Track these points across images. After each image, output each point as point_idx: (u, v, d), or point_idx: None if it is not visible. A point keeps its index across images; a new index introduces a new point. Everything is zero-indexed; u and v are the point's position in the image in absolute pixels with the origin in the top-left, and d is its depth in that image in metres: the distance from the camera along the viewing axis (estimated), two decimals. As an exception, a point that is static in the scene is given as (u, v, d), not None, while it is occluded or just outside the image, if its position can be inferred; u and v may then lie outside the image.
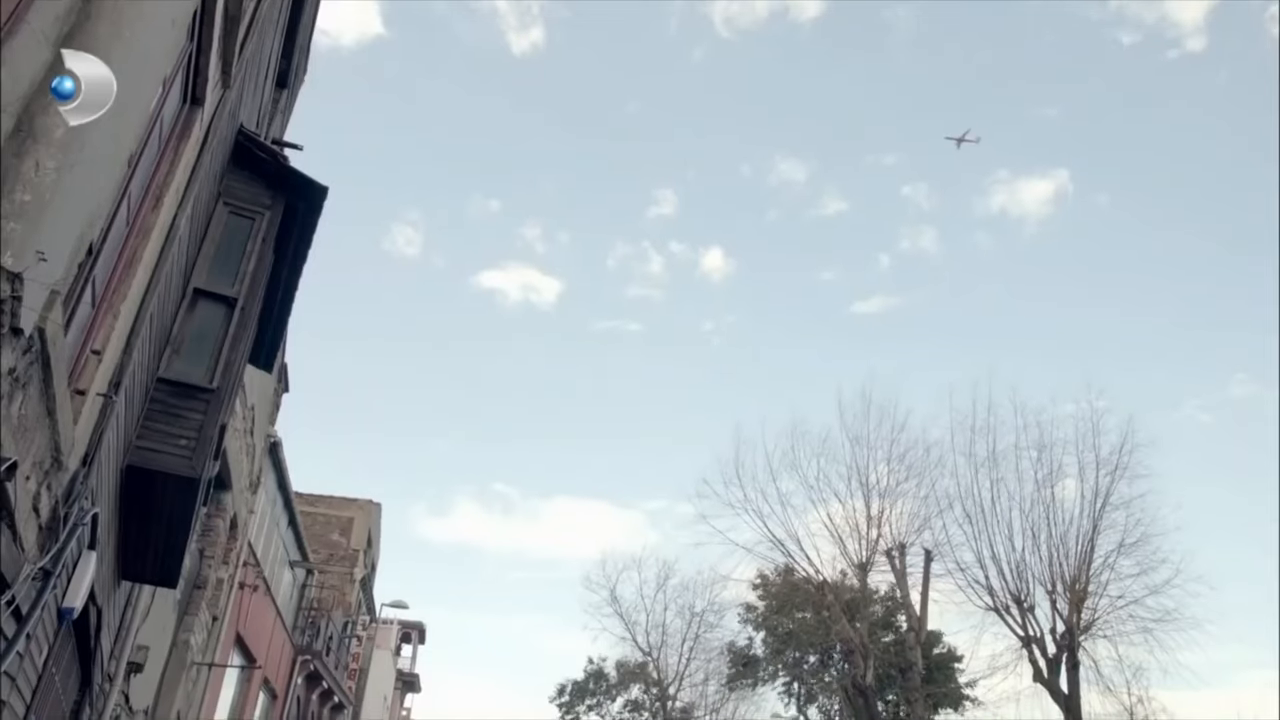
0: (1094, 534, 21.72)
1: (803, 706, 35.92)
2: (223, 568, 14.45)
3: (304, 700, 26.09)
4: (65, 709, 7.17)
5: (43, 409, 3.03)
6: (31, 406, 2.92)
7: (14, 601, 3.18)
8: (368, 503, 34.84)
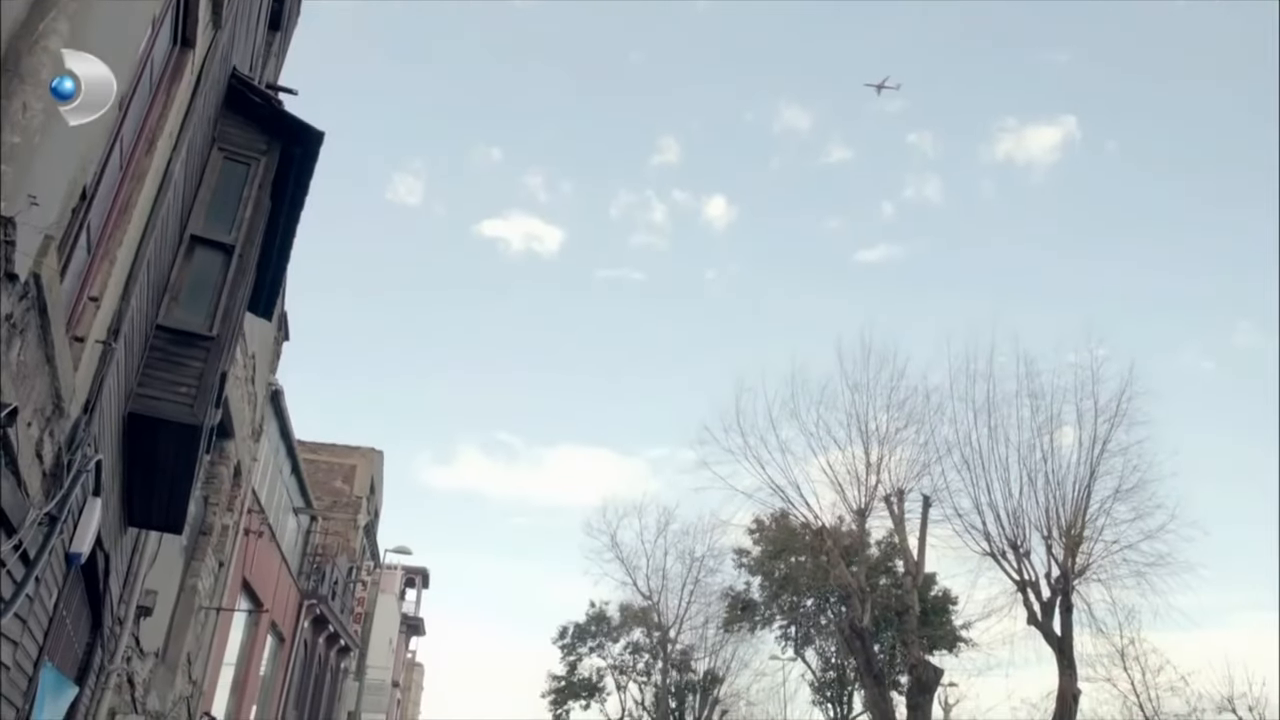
0: (1091, 480, 21.90)
1: (800, 649, 36.65)
2: (227, 514, 14.61)
3: (311, 643, 26.60)
4: (78, 650, 7.32)
5: (41, 355, 3.02)
6: (30, 353, 2.91)
7: (21, 546, 3.20)
8: (370, 450, 35.09)
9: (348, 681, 33.01)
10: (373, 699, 35.42)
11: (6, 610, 3.20)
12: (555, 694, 43.98)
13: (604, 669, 43.58)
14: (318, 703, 28.44)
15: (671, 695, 40.82)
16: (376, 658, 37.05)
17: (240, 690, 19.25)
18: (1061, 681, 20.75)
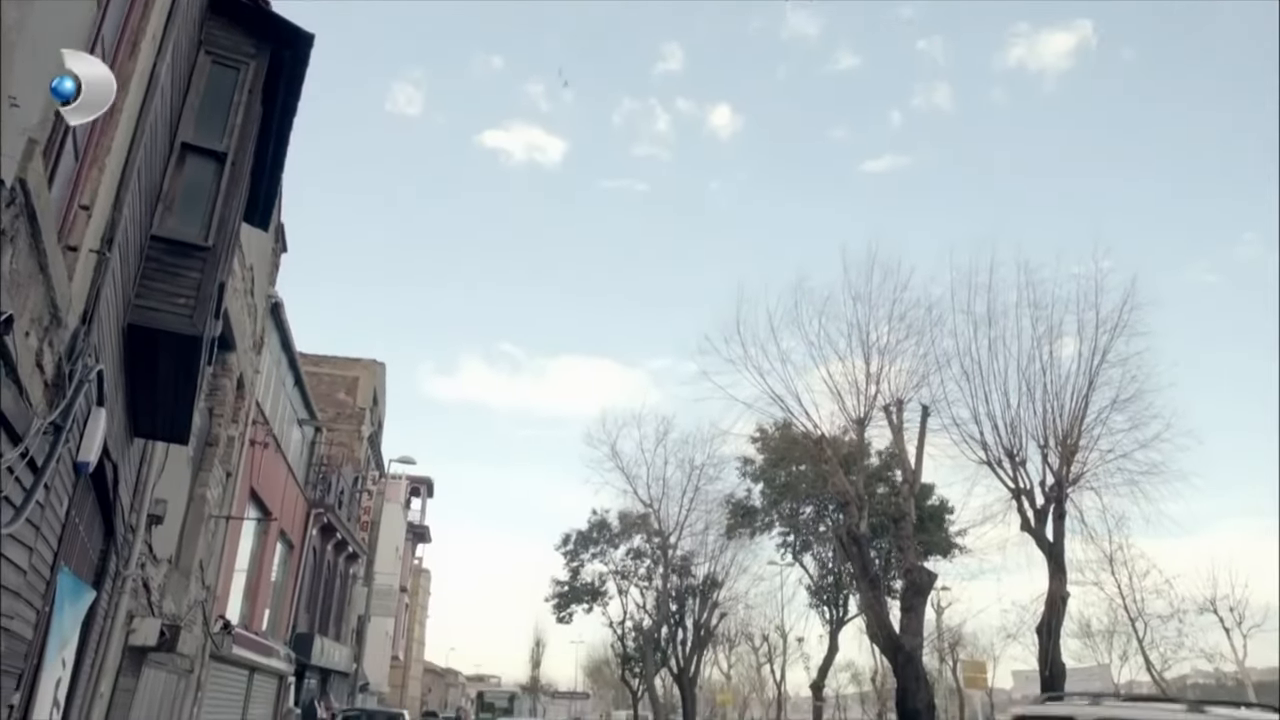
0: (1089, 390, 21.98)
1: (798, 554, 37.60)
2: (232, 426, 14.75)
3: (320, 551, 27.25)
4: (93, 556, 7.49)
5: (34, 264, 2.98)
6: (22, 261, 2.87)
7: (28, 454, 3.23)
8: (371, 362, 35.28)
9: (357, 587, 33.98)
10: (381, 603, 36.55)
11: (18, 516, 3.25)
12: (559, 598, 45.29)
13: (606, 574, 44.77)
14: (328, 607, 29.32)
15: (672, 599, 42.04)
16: (384, 564, 38.06)
17: (253, 595, 19.81)
18: (1051, 585, 21.30)
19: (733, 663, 62.17)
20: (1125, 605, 40.36)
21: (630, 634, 44.39)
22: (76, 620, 6.31)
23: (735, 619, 48.54)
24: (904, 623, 21.02)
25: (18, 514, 3.26)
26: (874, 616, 22.23)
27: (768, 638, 51.91)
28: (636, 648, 43.87)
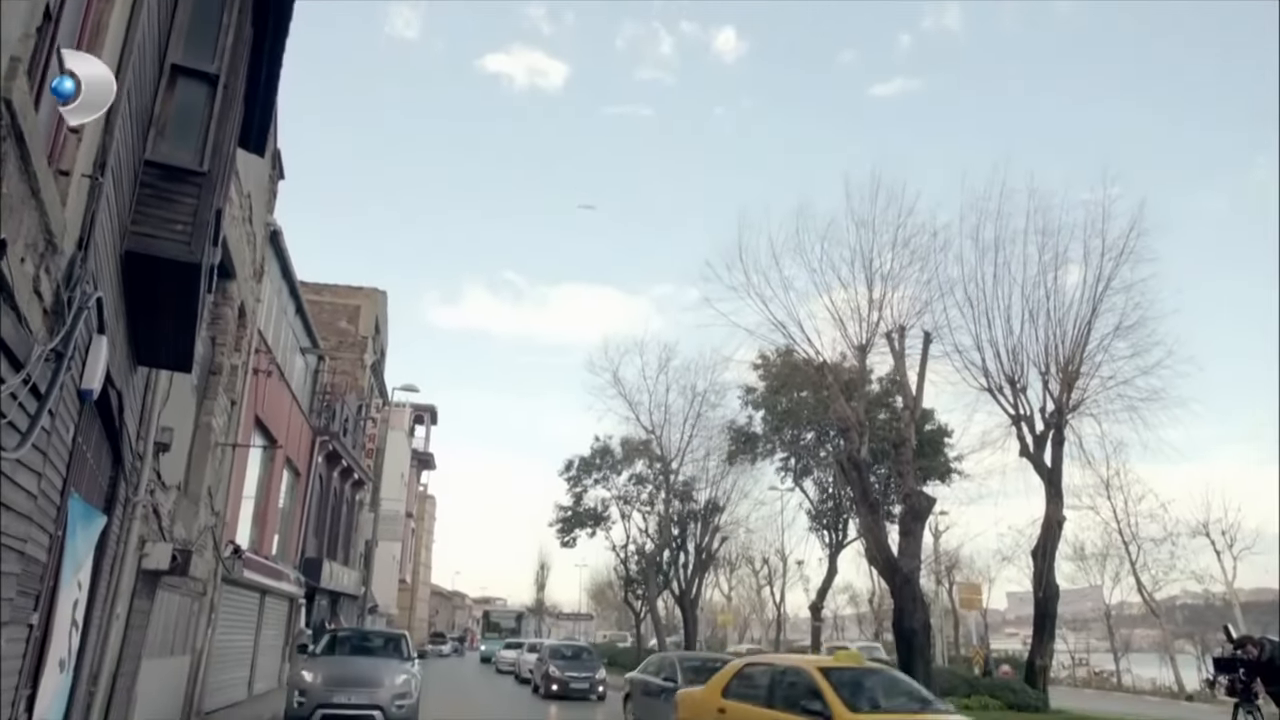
0: (1092, 317, 21.97)
1: (799, 479, 38.08)
2: (235, 354, 14.78)
3: (326, 478, 27.62)
4: (102, 483, 7.58)
5: (25, 188, 2.92)
6: (13, 185, 2.81)
7: (30, 380, 3.22)
8: (373, 290, 35.19)
9: (363, 513, 34.56)
10: (388, 528, 37.24)
11: (24, 442, 3.26)
12: (563, 523, 46.04)
13: (609, 499, 45.39)
14: (336, 532, 29.87)
15: (674, 523, 42.74)
16: (389, 490, 38.64)
17: (261, 521, 20.15)
18: (1048, 509, 21.63)
19: (733, 585, 63.67)
20: (1120, 529, 41.17)
21: (633, 557, 45.25)
22: (89, 545, 6.41)
23: (736, 543, 49.50)
24: (902, 546, 21.40)
25: (24, 439, 3.27)
26: (873, 540, 22.62)
27: (768, 561, 53.07)
28: (639, 571, 44.78)
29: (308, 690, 13.49)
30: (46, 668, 5.56)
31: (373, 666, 14.48)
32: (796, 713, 8.85)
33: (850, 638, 64.70)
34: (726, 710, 9.99)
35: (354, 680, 13.78)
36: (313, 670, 13.94)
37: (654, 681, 15.73)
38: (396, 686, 13.82)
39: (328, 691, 13.38)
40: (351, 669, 14.30)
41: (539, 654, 27.91)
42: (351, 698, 13.36)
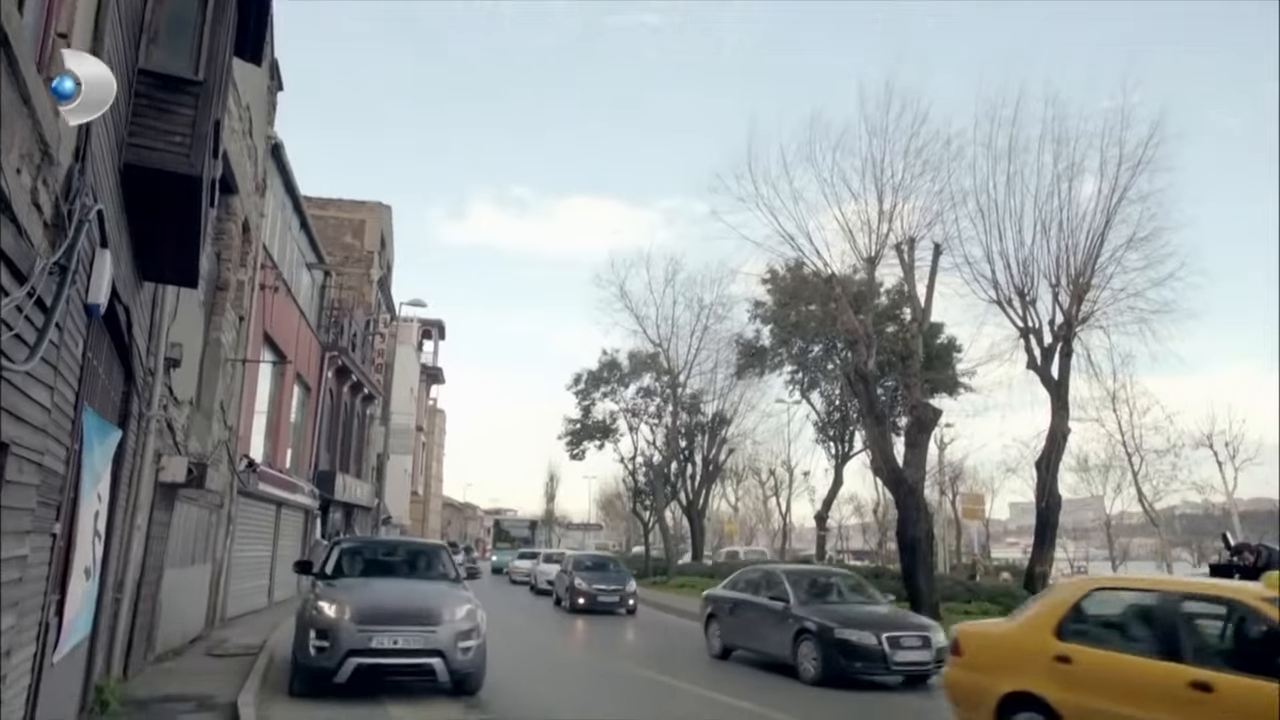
0: (1105, 228, 21.61)
1: (806, 392, 38.27)
2: (241, 270, 14.74)
3: (336, 392, 27.89)
4: (115, 398, 7.66)
5: (16, 96, 2.85)
6: (3, 93, 2.74)
7: (35, 293, 3.21)
8: (377, 205, 34.85)
9: (374, 427, 35.01)
10: (399, 442, 37.74)
11: (33, 355, 3.27)
12: (571, 436, 46.62)
13: (617, 412, 45.83)
14: (348, 446, 30.32)
15: (681, 436, 43.24)
16: (399, 405, 39.04)
17: (274, 435, 20.44)
18: (1053, 422, 21.74)
19: (740, 496, 64.86)
20: (1124, 441, 41.49)
21: (641, 469, 45.94)
22: (106, 458, 6.51)
23: (743, 454, 50.18)
24: (907, 457, 21.63)
25: (33, 353, 3.28)
26: (878, 451, 22.85)
27: (774, 472, 53.83)
28: (647, 482, 45.52)
29: (332, 631, 9.15)
30: (73, 575, 5.72)
31: (421, 594, 10.16)
32: None
33: (855, 547, 66.12)
34: (1074, 659, 6.47)
35: (399, 614, 9.42)
36: (336, 600, 9.50)
37: (755, 601, 13.62)
38: (458, 622, 9.50)
39: (363, 633, 9.12)
40: (393, 597, 9.91)
41: (562, 566, 25.92)
42: (399, 640, 9.17)
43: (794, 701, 10.42)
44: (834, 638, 11.62)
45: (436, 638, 9.29)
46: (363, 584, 10.54)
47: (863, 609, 12.80)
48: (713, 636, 14.65)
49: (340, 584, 10.42)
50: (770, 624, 12.88)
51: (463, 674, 9.47)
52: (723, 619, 14.39)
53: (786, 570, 14.36)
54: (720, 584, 15.85)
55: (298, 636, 9.53)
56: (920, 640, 11.71)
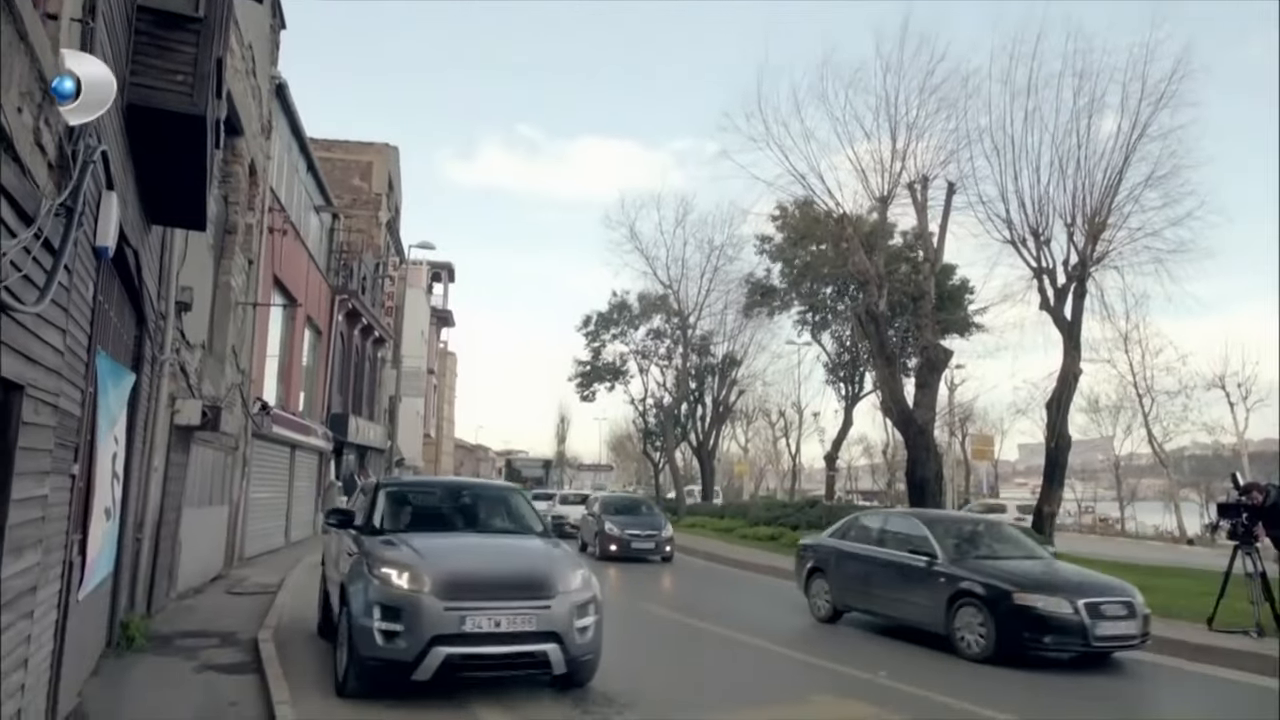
0: (1124, 166, 21.21)
1: (816, 333, 38.18)
2: (249, 213, 14.68)
3: (347, 336, 27.98)
4: (128, 342, 7.70)
5: (13, 32, 2.79)
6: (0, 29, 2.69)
7: (42, 235, 3.20)
8: (384, 146, 34.50)
9: (386, 370, 35.21)
10: (410, 384, 38.00)
11: (43, 296, 3.27)
12: (582, 377, 46.84)
13: (627, 354, 45.98)
14: (360, 389, 30.53)
15: (691, 377, 43.36)
16: (410, 348, 39.19)
17: (287, 379, 20.58)
18: (1065, 363, 21.66)
19: (750, 437, 65.28)
20: (1135, 382, 41.42)
21: (651, 410, 46.22)
22: (121, 401, 6.57)
23: (753, 395, 50.41)
24: (917, 398, 21.67)
25: (43, 294, 3.28)
26: (888, 392, 22.89)
27: (784, 413, 54.13)
28: (657, 423, 45.82)
29: (409, 609, 6.52)
30: (93, 515, 5.82)
31: (520, 555, 7.67)
32: None
33: (864, 487, 66.69)
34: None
35: (499, 583, 6.92)
36: (408, 566, 6.82)
37: (882, 555, 11.19)
38: (575, 592, 7.06)
39: (452, 611, 6.53)
40: (485, 561, 7.38)
41: (589, 509, 23.24)
42: (501, 621, 6.65)
43: (963, 683, 8.27)
44: (1012, 605, 9.13)
45: (551, 615, 6.73)
46: (434, 541, 7.52)
47: (1032, 566, 10.28)
48: (817, 596, 12.24)
49: (402, 541, 7.35)
50: (909, 584, 10.47)
51: (580, 661, 6.92)
52: (832, 575, 11.97)
53: (925, 516, 11.90)
54: (824, 533, 13.39)
55: (350, 615, 6.75)
56: (1125, 608, 9.30)
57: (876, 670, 8.70)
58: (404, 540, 7.41)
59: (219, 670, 7.60)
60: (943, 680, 8.39)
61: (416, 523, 8.27)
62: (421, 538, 7.55)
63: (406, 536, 7.56)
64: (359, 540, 7.65)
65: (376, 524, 7.98)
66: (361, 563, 7.09)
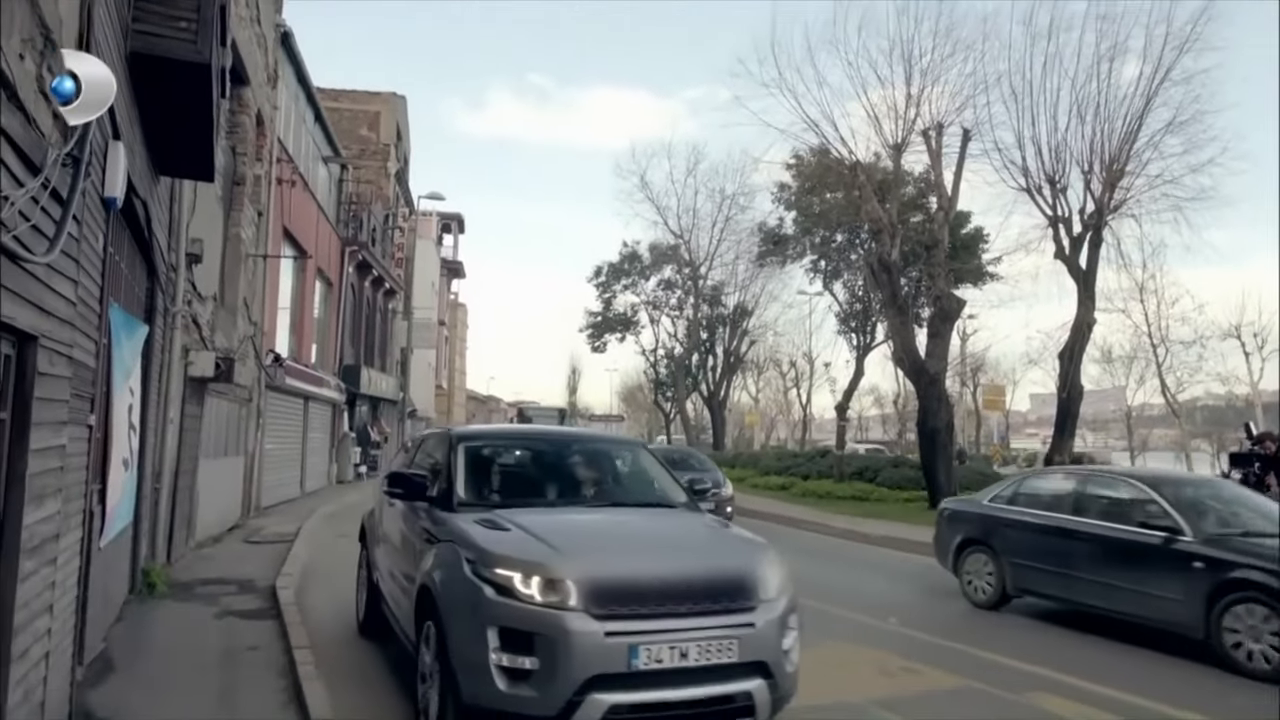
0: (1145, 111, 20.75)
1: (828, 282, 37.93)
2: (257, 164, 14.60)
3: (358, 287, 28.00)
4: (139, 293, 7.72)
5: (13, -24, 2.74)
6: (0, -28, 2.64)
7: (50, 184, 3.18)
8: (391, 95, 34.13)
9: (397, 321, 35.27)
10: (421, 336, 38.08)
11: (53, 246, 3.26)
12: (593, 328, 46.84)
13: (638, 305, 45.89)
14: (371, 341, 30.64)
15: (702, 328, 43.32)
16: (421, 299, 39.19)
17: (299, 331, 20.66)
18: (1079, 312, 21.49)
19: (760, 387, 65.29)
20: (1150, 332, 41.12)
21: (662, 361, 46.27)
22: (135, 352, 6.61)
23: (764, 346, 50.30)
24: (929, 347, 21.57)
25: (52, 244, 3.27)
26: (900, 342, 22.78)
27: (795, 364, 54.01)
28: (668, 374, 45.92)
29: (550, 634, 4.21)
30: (111, 465, 5.90)
31: (690, 540, 5.31)
32: None
33: (874, 437, 66.94)
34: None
35: (677, 588, 4.50)
36: (535, 562, 4.45)
37: (1086, 528, 8.77)
38: (778, 599, 4.79)
39: (620, 639, 4.24)
40: (647, 551, 5.00)
41: None
42: (689, 650, 4.33)
43: (1245, 709, 6.30)
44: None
45: (756, 637, 4.51)
46: (558, 520, 5.27)
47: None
48: (976, 575, 9.79)
49: (510, 521, 5.02)
50: (1136, 567, 8.11)
51: (785, 700, 4.74)
52: (1002, 550, 9.49)
53: (1148, 477, 9.11)
54: (979, 495, 10.76)
55: (447, 639, 4.55)
56: None
57: (1116, 685, 6.52)
58: (512, 520, 5.02)
59: (238, 616, 7.76)
60: (1223, 702, 6.37)
61: (518, 491, 5.99)
62: (534, 514, 5.26)
63: (512, 514, 5.19)
64: (441, 519, 5.33)
65: (462, 494, 5.62)
66: (455, 556, 4.73)
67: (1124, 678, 6.79)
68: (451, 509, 5.42)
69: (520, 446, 6.96)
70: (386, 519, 6.84)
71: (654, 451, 7.26)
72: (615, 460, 6.80)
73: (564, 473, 6.33)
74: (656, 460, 6.78)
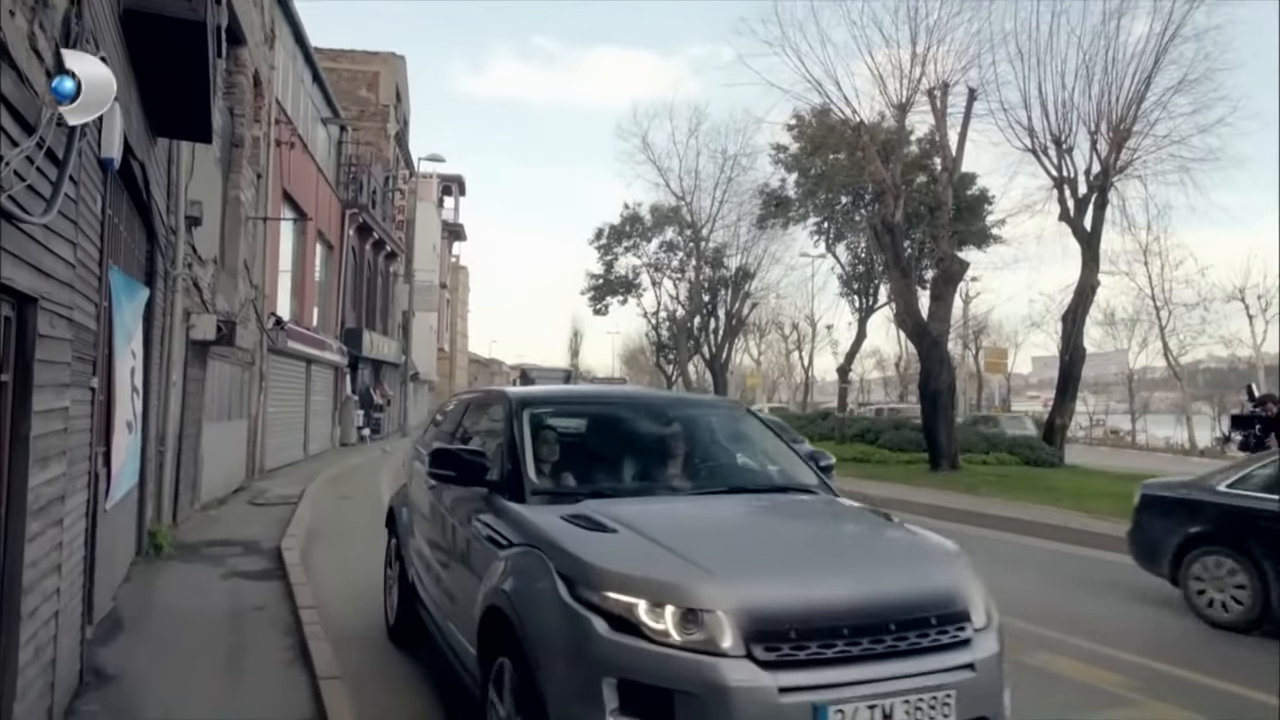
0: (1153, 70, 20.52)
1: (831, 245, 37.75)
2: (255, 126, 14.46)
3: (359, 250, 27.89)
4: (139, 256, 7.69)
5: (1, -72, 2.69)
6: (-12, -75, 2.59)
7: (45, 144, 3.15)
8: (390, 55, 33.70)
9: (398, 284, 35.19)
10: (423, 298, 37.98)
11: (50, 207, 3.24)
12: (594, 291, 46.75)
13: (639, 267, 45.76)
14: (373, 304, 30.60)
15: (704, 290, 43.22)
16: (422, 261, 39.06)
17: (300, 294, 20.62)
18: (1083, 274, 21.43)
19: (763, 350, 65.41)
20: (1153, 295, 40.99)
21: (664, 324, 46.26)
22: (136, 315, 6.60)
23: (766, 308, 50.29)
24: (932, 310, 21.54)
25: (49, 205, 3.25)
26: (903, 304, 22.73)
27: (797, 326, 54.07)
28: (670, 337, 45.93)
29: (705, 696, 2.73)
30: (115, 428, 5.91)
31: (860, 541, 3.82)
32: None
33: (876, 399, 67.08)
34: None
35: (862, 612, 2.98)
36: (664, 582, 2.95)
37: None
38: (990, 626, 3.28)
39: (801, 695, 2.76)
40: (813, 562, 3.39)
41: None
42: (895, 710, 2.82)
43: None
44: None
45: (976, 686, 3.07)
46: (673, 513, 3.91)
47: None
48: (1214, 587, 7.10)
49: (609, 518, 3.53)
50: None
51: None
52: (1266, 555, 6.76)
53: None
54: (1209, 479, 7.65)
55: (539, 687, 3.05)
56: None
57: None
58: (612, 515, 3.59)
59: (244, 576, 7.84)
60: None
61: (604, 474, 4.47)
62: (640, 506, 3.90)
63: (608, 506, 3.76)
64: (511, 514, 3.89)
65: (534, 478, 4.12)
66: (541, 568, 3.31)
67: None
68: (522, 498, 3.97)
69: (599, 413, 5.17)
70: (425, 505, 5.40)
71: (758, 415, 5.83)
72: (717, 429, 5.17)
73: (662, 448, 4.72)
74: (770, 430, 5.23)
